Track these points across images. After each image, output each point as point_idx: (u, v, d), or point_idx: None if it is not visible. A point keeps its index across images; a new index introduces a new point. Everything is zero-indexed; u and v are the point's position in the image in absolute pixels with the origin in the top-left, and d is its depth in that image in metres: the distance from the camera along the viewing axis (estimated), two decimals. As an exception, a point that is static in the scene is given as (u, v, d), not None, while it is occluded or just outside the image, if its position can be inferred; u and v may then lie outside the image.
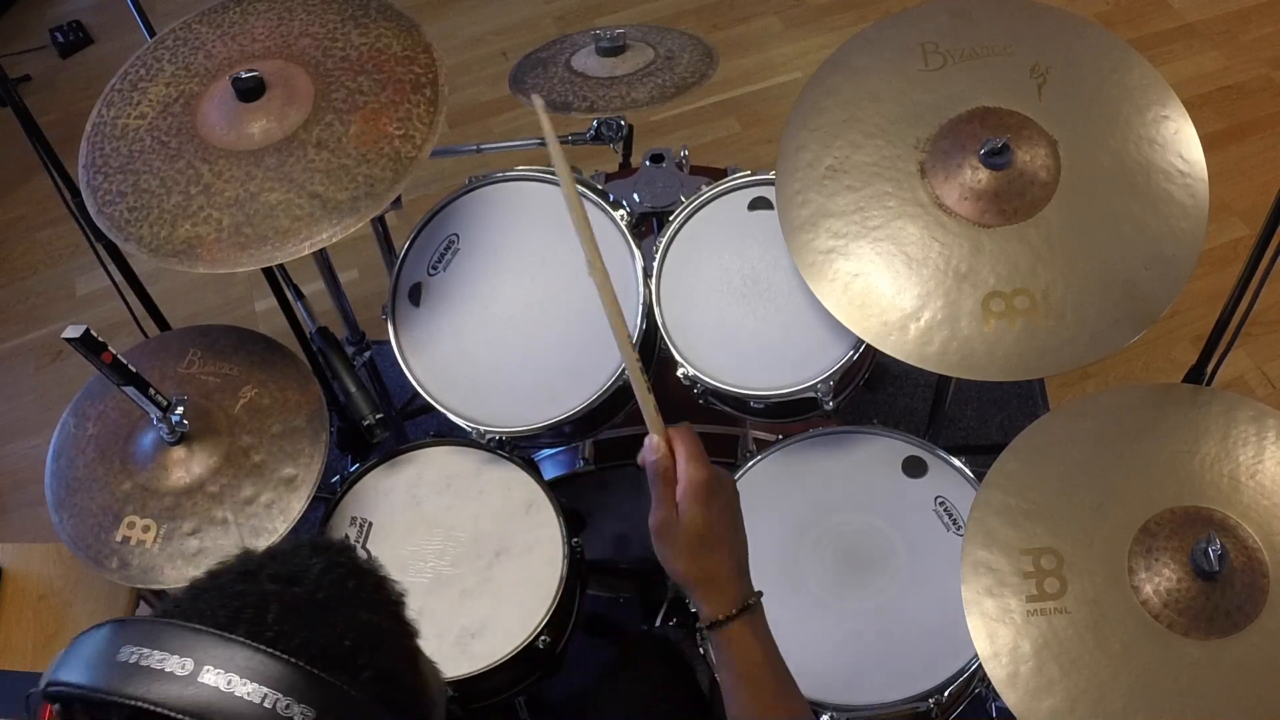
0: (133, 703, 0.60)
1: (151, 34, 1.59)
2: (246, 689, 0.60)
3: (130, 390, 1.27)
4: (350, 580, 0.69)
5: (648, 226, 1.62)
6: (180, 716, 0.59)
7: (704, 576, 0.94)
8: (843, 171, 1.31)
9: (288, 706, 0.60)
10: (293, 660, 0.62)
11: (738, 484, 1.44)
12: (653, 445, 0.98)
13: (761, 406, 1.42)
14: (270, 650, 0.62)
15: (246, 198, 1.32)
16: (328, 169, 1.32)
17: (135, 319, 1.89)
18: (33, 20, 3.43)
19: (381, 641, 0.67)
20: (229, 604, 0.65)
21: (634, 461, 1.60)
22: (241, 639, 0.62)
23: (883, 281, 1.26)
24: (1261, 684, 1.05)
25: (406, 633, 0.72)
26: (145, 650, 0.61)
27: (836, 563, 1.37)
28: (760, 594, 0.99)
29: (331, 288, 1.75)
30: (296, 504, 1.35)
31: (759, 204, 1.47)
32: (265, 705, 0.60)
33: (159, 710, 0.59)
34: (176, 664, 0.60)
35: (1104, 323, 1.22)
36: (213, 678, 0.60)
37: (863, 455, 1.46)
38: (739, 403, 1.42)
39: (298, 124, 1.36)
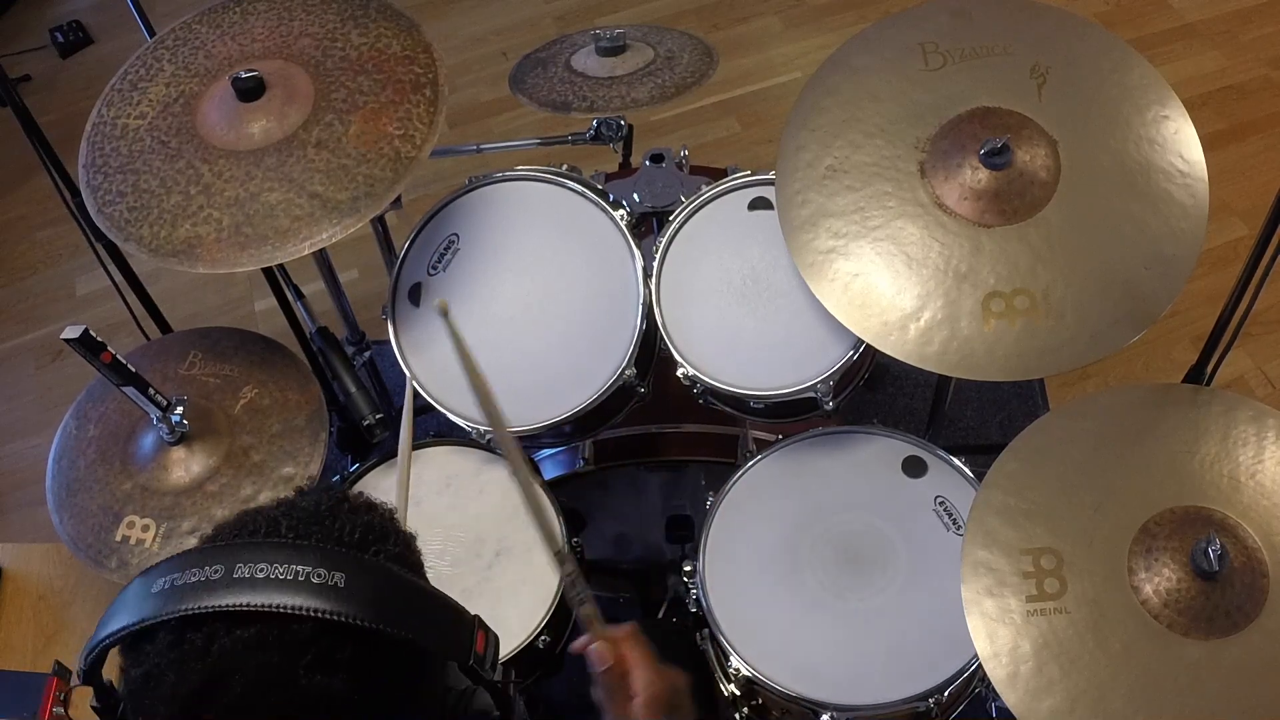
0: (174, 616, 0.64)
1: (151, 34, 1.59)
2: (278, 570, 0.64)
3: (130, 390, 1.27)
4: (344, 501, 0.75)
5: (648, 226, 1.62)
6: (221, 608, 0.63)
7: None
8: (843, 171, 1.32)
9: (319, 575, 0.65)
10: (313, 544, 0.68)
11: (738, 484, 1.45)
12: (599, 654, 0.90)
13: (761, 406, 1.42)
14: (291, 540, 0.68)
15: (246, 198, 1.32)
16: (328, 169, 1.32)
17: (135, 319, 1.89)
18: (33, 20, 3.43)
19: (385, 534, 0.73)
20: (243, 528, 0.70)
21: (634, 461, 1.62)
22: (262, 539, 0.68)
23: (883, 281, 1.26)
24: (1261, 684, 1.05)
25: (407, 533, 0.78)
26: (175, 575, 0.66)
27: (836, 563, 1.37)
28: None
29: (331, 288, 1.75)
30: (296, 504, 1.35)
31: (759, 204, 1.47)
32: (300, 579, 0.64)
33: (199, 611, 0.63)
34: (209, 572, 0.65)
35: (1104, 323, 1.22)
36: (245, 570, 0.64)
37: (863, 455, 1.46)
38: (739, 403, 1.42)
39: (298, 124, 1.36)
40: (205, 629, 0.64)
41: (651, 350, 1.47)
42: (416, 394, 1.46)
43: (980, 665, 1.16)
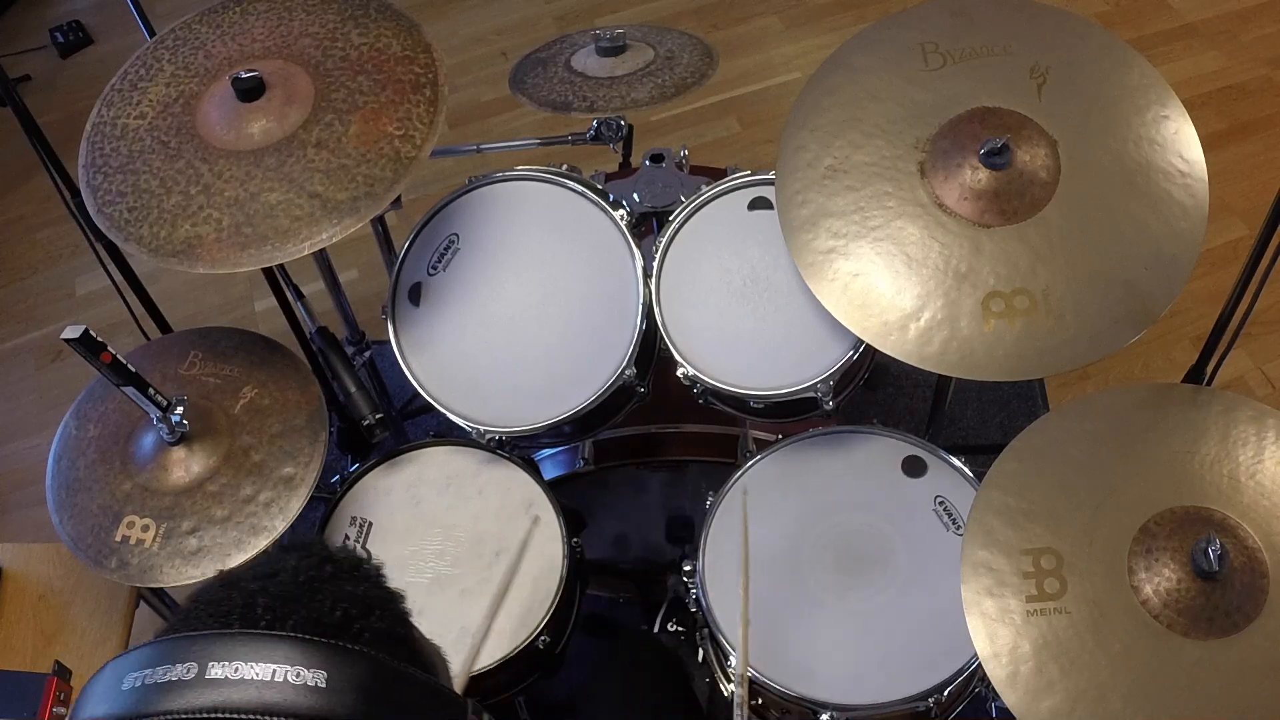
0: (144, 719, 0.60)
1: (151, 34, 1.59)
2: (254, 671, 0.61)
3: (130, 390, 1.27)
4: (326, 564, 0.70)
5: (648, 226, 1.62)
6: (194, 714, 0.60)
7: None
8: (843, 171, 1.32)
9: (298, 675, 0.61)
10: (291, 635, 0.63)
11: (738, 484, 1.45)
12: None
13: (761, 406, 1.42)
14: (267, 632, 0.63)
15: (246, 198, 1.32)
16: (328, 169, 1.32)
17: (135, 319, 1.89)
18: (33, 20, 3.43)
19: (371, 608, 0.69)
20: (218, 610, 0.66)
21: (634, 461, 1.62)
22: (236, 630, 0.63)
23: (883, 281, 1.26)
24: (1261, 684, 1.05)
25: (394, 598, 0.73)
26: (147, 671, 0.62)
27: (836, 563, 1.37)
28: None
29: (331, 288, 1.75)
30: (295, 503, 1.35)
31: (759, 204, 1.47)
32: (276, 680, 0.60)
33: (172, 717, 0.60)
34: (181, 671, 0.61)
35: (1104, 323, 1.22)
36: (219, 671, 0.61)
37: (863, 455, 1.46)
38: (739, 403, 1.42)
39: (298, 124, 1.36)
40: None
41: (651, 350, 1.47)
42: (416, 394, 1.46)
43: (980, 665, 1.16)
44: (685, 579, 1.42)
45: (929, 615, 1.31)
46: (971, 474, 1.42)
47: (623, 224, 1.46)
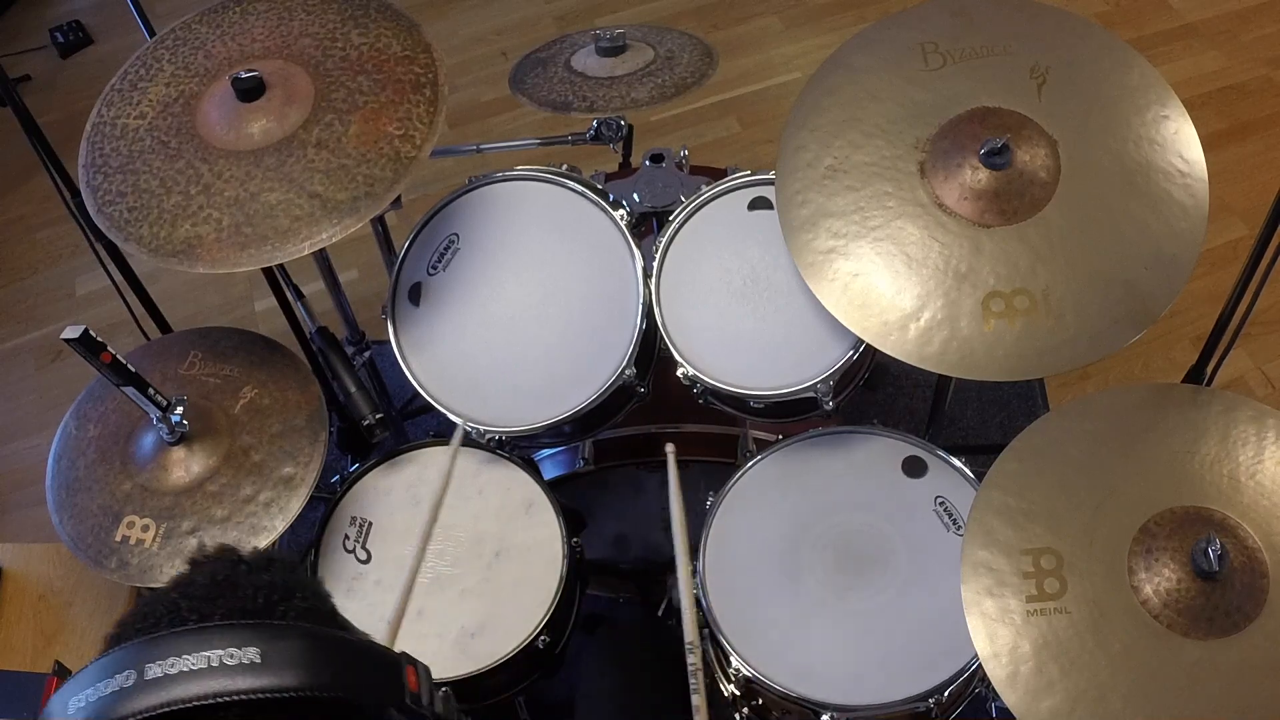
0: None
1: (151, 34, 1.59)
2: (189, 662, 0.62)
3: (130, 390, 1.27)
4: (240, 565, 0.72)
5: (648, 226, 1.62)
6: (141, 715, 0.60)
7: None
8: (843, 171, 1.31)
9: (232, 656, 0.62)
10: (219, 623, 0.65)
11: (738, 484, 1.45)
12: None
13: (761, 406, 1.42)
14: (196, 625, 0.65)
15: (246, 198, 1.32)
16: (328, 169, 1.32)
17: (135, 319, 1.89)
18: (33, 20, 3.43)
19: (293, 590, 0.70)
20: (144, 622, 0.67)
21: (634, 461, 1.62)
22: (166, 631, 0.64)
23: (883, 281, 1.26)
24: (1261, 684, 1.05)
25: (314, 582, 0.75)
26: (87, 691, 0.63)
27: (837, 563, 1.37)
28: None
29: (331, 288, 1.75)
30: (295, 503, 1.35)
31: (759, 204, 1.47)
32: (214, 665, 0.62)
33: None
34: (120, 680, 0.62)
35: (1104, 323, 1.22)
36: (157, 670, 0.62)
37: (863, 455, 1.46)
38: (739, 403, 1.42)
39: (298, 124, 1.36)
40: None
41: (651, 350, 1.47)
42: (416, 394, 1.46)
43: (980, 665, 1.16)
44: (685, 579, 1.42)
45: (929, 615, 1.31)
46: (971, 474, 1.41)
47: (623, 224, 1.46)
